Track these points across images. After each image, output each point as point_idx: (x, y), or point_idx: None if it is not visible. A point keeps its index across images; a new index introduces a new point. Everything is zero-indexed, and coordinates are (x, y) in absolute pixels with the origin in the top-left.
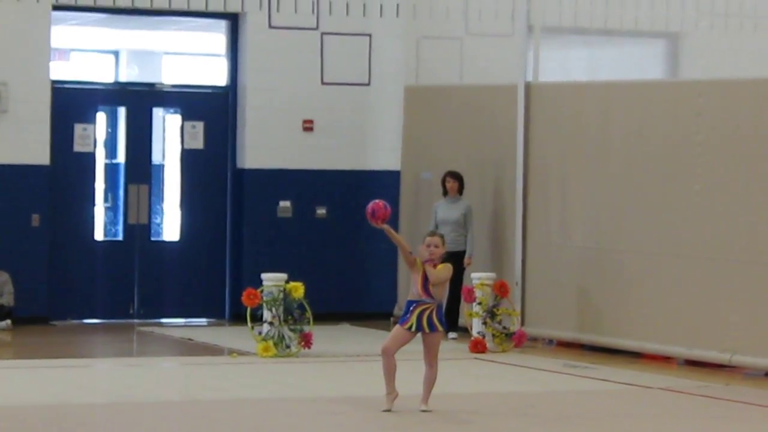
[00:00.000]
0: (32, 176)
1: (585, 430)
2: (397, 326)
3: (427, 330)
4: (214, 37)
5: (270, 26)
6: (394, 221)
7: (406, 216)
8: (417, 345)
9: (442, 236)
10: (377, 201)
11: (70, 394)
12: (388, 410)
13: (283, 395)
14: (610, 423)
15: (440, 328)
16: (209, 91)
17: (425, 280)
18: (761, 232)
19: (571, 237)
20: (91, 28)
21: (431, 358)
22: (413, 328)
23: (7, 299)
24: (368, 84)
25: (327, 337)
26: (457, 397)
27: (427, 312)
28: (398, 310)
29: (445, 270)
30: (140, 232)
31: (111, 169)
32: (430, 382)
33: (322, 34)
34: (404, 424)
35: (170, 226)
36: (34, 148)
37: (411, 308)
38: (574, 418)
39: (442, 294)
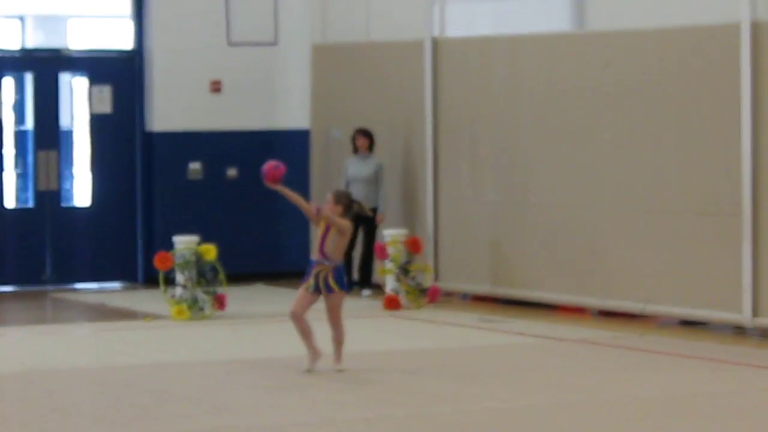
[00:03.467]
0: None
1: (500, 385)
2: (301, 288)
3: (324, 292)
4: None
5: None
6: (304, 180)
7: (317, 174)
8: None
9: (337, 195)
10: (269, 162)
11: None
12: (309, 371)
13: (197, 358)
14: (525, 376)
15: (337, 289)
16: (116, 54)
17: (323, 239)
18: (672, 181)
19: (483, 191)
20: None
21: (334, 319)
22: (311, 289)
23: None
24: (275, 43)
25: (241, 298)
26: (370, 355)
27: (323, 274)
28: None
29: (344, 221)
30: (51, 198)
31: (19, 136)
32: (338, 342)
33: None
34: (314, 383)
35: (81, 192)
36: None
37: (311, 269)
38: (490, 373)
39: (339, 255)
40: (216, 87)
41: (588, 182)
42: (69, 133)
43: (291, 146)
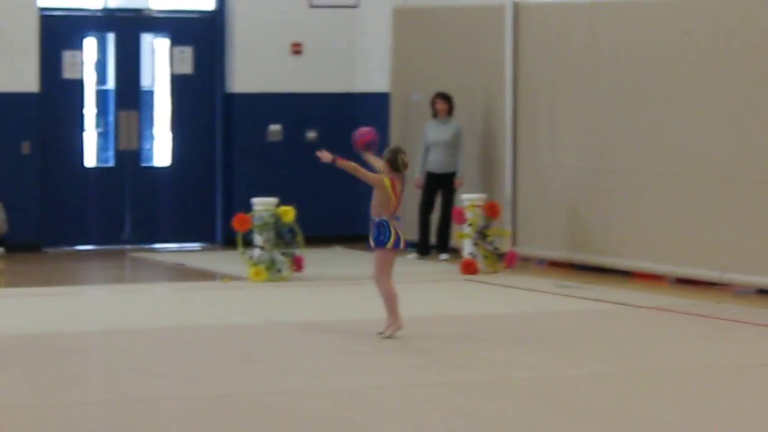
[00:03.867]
0: (22, 104)
1: (574, 351)
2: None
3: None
4: None
5: None
6: (383, 143)
7: (397, 138)
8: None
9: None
10: (361, 128)
11: (63, 321)
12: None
13: (274, 320)
14: (600, 343)
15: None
16: (197, 15)
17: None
18: (751, 149)
19: (562, 157)
20: None
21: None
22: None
23: (0, 225)
24: (356, 6)
25: (319, 260)
26: (447, 319)
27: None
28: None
29: (369, 174)
30: (131, 158)
31: (101, 96)
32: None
33: None
34: (390, 347)
35: (161, 152)
36: (22, 76)
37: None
38: (564, 339)
39: (377, 210)
40: (297, 49)
41: (666, 149)
42: (150, 94)
43: (371, 109)
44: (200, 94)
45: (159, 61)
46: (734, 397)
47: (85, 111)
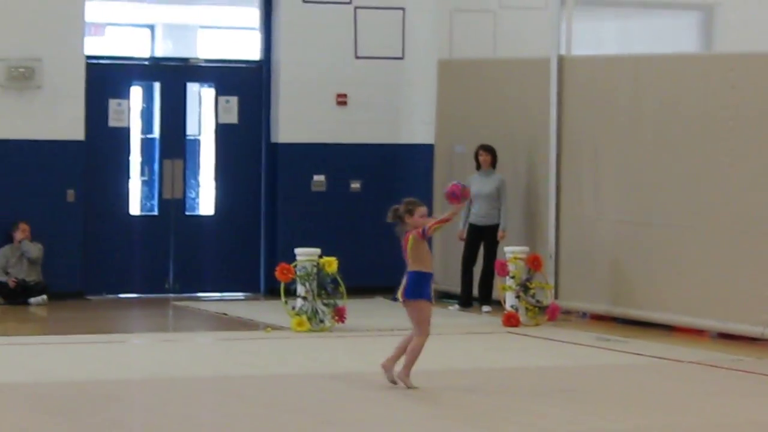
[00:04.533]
0: (67, 151)
1: (614, 405)
2: (429, 305)
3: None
4: (249, 11)
5: (304, 0)
6: (427, 195)
7: (440, 190)
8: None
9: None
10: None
11: (105, 369)
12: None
13: (316, 371)
14: (640, 397)
15: (399, 298)
16: (243, 65)
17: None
18: None
19: (604, 210)
20: (127, 3)
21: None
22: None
23: (32, 252)
24: (402, 58)
25: (361, 311)
26: (488, 372)
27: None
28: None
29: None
30: (175, 206)
31: (146, 144)
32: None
33: (356, 7)
34: (432, 398)
35: (205, 201)
36: (68, 124)
37: (430, 282)
38: (604, 392)
39: (416, 262)
40: (342, 100)
41: (709, 204)
42: (195, 142)
43: (415, 161)
44: (245, 143)
45: (204, 111)
46: None
47: (130, 159)
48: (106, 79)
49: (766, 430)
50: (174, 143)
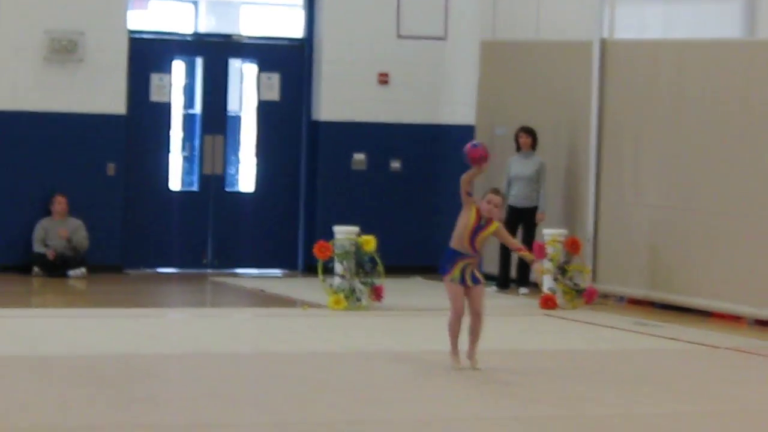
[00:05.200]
0: (108, 125)
1: (648, 390)
2: (447, 281)
3: (470, 284)
4: None
5: None
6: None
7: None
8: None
9: (504, 198)
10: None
11: (142, 343)
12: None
13: (352, 348)
14: (675, 382)
15: (483, 280)
16: (286, 42)
17: (475, 233)
18: None
19: (644, 195)
20: None
21: (480, 308)
22: (457, 281)
23: (80, 243)
24: (444, 38)
25: (398, 290)
26: (523, 354)
27: (471, 267)
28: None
29: (492, 231)
30: (215, 182)
31: (187, 120)
32: (476, 335)
33: None
34: (464, 379)
35: (245, 177)
36: (110, 98)
37: (456, 260)
38: (639, 377)
39: (481, 250)
40: (383, 79)
41: (750, 191)
42: (236, 119)
43: (455, 141)
44: (286, 120)
45: (246, 87)
46: None
47: (171, 134)
48: (148, 53)
49: None
50: (215, 119)
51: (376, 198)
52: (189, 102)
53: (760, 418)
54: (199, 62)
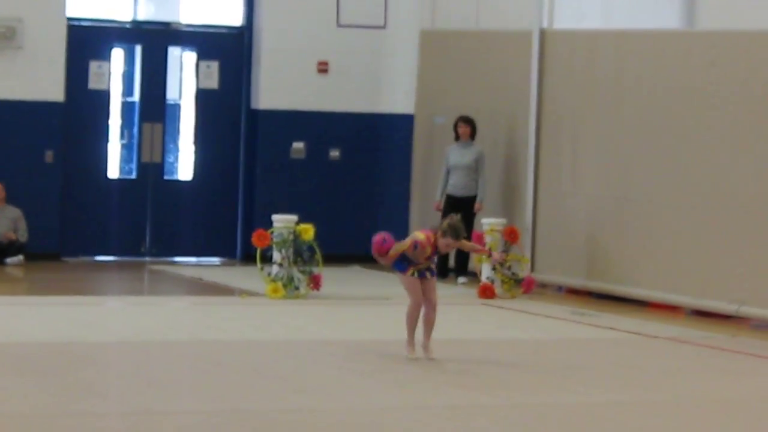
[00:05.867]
0: (47, 113)
1: (586, 379)
2: (406, 277)
3: (428, 276)
4: None
5: None
6: (406, 165)
7: (419, 160)
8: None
9: (458, 237)
10: (378, 235)
11: (80, 331)
12: (416, 358)
13: (289, 337)
14: (613, 371)
15: (436, 271)
16: (225, 30)
17: (431, 255)
18: None
19: (582, 185)
20: None
21: (434, 298)
22: (416, 275)
23: (22, 235)
24: (384, 27)
25: (337, 279)
26: (462, 343)
27: (426, 264)
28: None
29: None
30: (153, 170)
31: (126, 107)
32: (430, 324)
33: None
34: (403, 368)
35: (184, 165)
36: (48, 85)
37: (410, 266)
38: (577, 366)
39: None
40: (323, 68)
41: (687, 180)
42: (175, 107)
43: (394, 130)
44: (225, 109)
45: (185, 75)
46: (748, 430)
47: (109, 122)
48: (87, 41)
49: (737, 408)
50: (154, 107)
51: (315, 187)
52: (128, 90)
53: (694, 407)
54: (138, 50)
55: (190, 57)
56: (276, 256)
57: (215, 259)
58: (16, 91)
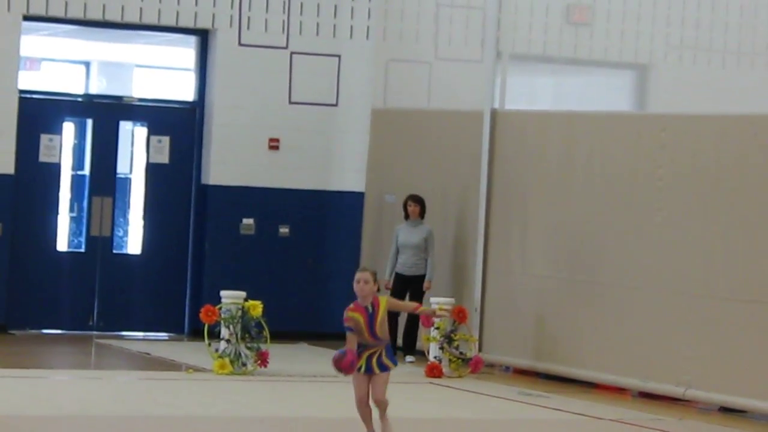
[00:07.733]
0: None
1: None
2: (354, 371)
3: (377, 371)
4: (185, 52)
5: (240, 44)
6: (356, 242)
7: (369, 238)
8: None
9: (373, 272)
10: (342, 359)
11: (25, 405)
12: None
13: (235, 414)
14: None
15: (392, 366)
16: (177, 105)
17: (370, 325)
18: (719, 267)
19: (531, 265)
20: (63, 39)
21: (381, 394)
22: (363, 370)
23: None
24: (336, 104)
25: (284, 356)
26: (408, 422)
27: (377, 354)
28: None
29: (384, 307)
30: (103, 244)
31: (76, 181)
32: (382, 411)
33: (292, 53)
34: None
35: (133, 240)
36: None
37: (361, 353)
38: None
39: (387, 333)
40: (274, 144)
41: (635, 263)
42: (126, 181)
43: (345, 208)
44: (175, 183)
45: (136, 149)
46: None
47: (59, 195)
48: (38, 114)
49: None
50: (104, 181)
51: (264, 263)
52: (78, 163)
53: None
54: (89, 123)
55: (141, 131)
56: (224, 332)
57: (163, 334)
58: None
